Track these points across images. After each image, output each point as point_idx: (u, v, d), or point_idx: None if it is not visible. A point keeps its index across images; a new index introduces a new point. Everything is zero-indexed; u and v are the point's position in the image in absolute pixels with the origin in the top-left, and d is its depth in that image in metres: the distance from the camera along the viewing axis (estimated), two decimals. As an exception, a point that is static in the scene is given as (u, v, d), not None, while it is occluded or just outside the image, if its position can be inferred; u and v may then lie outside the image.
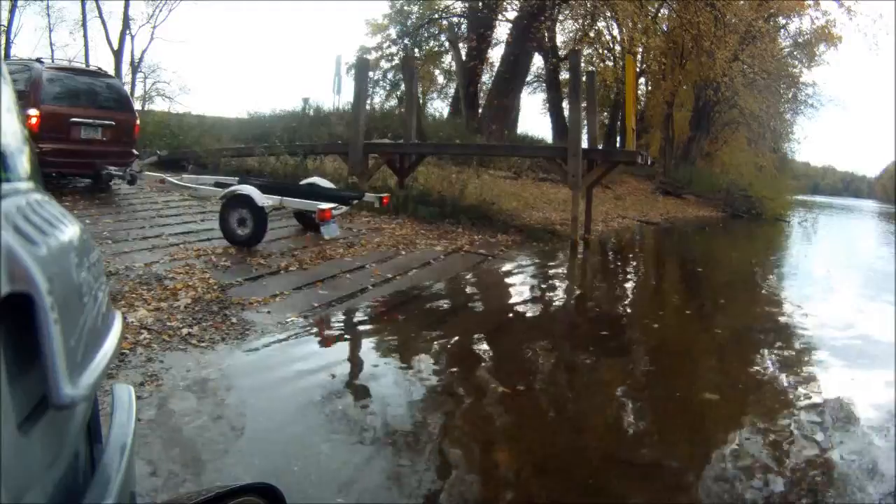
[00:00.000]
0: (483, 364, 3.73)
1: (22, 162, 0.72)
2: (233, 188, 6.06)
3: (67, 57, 19.86)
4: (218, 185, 6.91)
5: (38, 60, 7.65)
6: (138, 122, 8.25)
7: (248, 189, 5.89)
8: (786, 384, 3.77)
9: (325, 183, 7.44)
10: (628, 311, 5.32)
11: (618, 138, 21.41)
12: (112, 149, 7.72)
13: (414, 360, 3.66)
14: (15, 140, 0.72)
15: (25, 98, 6.97)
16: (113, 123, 7.80)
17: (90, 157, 7.51)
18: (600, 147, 14.79)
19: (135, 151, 8.11)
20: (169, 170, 8.71)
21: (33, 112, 6.98)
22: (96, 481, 0.69)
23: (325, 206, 5.93)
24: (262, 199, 5.76)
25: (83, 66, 8.08)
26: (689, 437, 2.98)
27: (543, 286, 6.11)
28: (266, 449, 2.42)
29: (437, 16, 21.78)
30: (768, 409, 3.32)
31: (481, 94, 18.57)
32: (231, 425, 2.59)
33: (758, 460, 2.65)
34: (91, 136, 7.66)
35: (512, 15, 18.20)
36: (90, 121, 7.61)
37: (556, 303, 5.63)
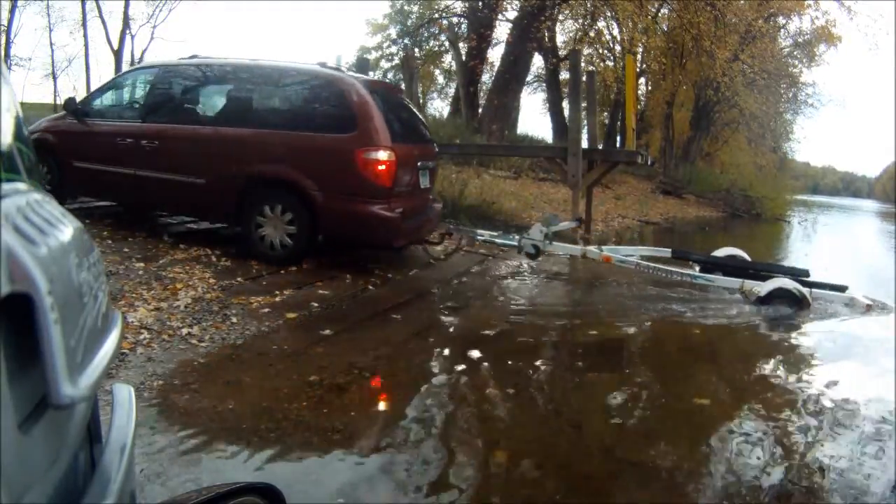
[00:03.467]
0: (480, 364, 3.72)
1: (22, 162, 0.72)
2: (776, 284, 5.29)
3: (67, 56, 19.85)
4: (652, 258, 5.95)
5: (342, 69, 5.44)
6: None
7: (790, 283, 5.31)
8: (780, 383, 3.77)
9: (743, 253, 6.42)
10: (625, 310, 5.31)
11: (618, 138, 21.42)
12: (429, 201, 5.89)
13: (412, 359, 3.65)
14: (15, 140, 0.72)
15: (344, 127, 4.87)
16: (433, 165, 5.81)
17: (426, 214, 5.67)
18: (600, 147, 14.79)
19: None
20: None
21: (384, 156, 4.79)
22: (96, 481, 0.69)
23: (866, 300, 5.26)
24: (805, 292, 5.24)
25: (376, 77, 5.61)
26: (679, 436, 2.98)
27: (543, 286, 6.10)
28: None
29: (437, 15, 21.78)
30: (763, 410, 3.31)
31: (481, 94, 18.57)
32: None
33: (753, 461, 2.65)
34: (425, 186, 5.66)
35: (512, 15, 18.21)
36: (425, 163, 5.58)
37: (555, 302, 5.62)
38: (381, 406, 3.15)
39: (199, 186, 5.23)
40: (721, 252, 6.32)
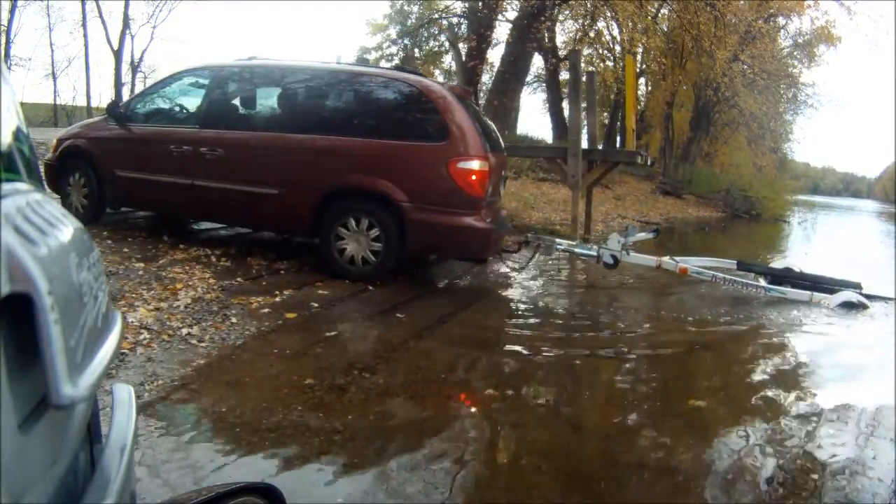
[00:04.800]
0: (478, 362, 3.73)
1: (23, 162, 0.72)
2: (843, 297, 5.50)
3: (67, 56, 19.85)
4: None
5: (416, 72, 5.40)
6: None
7: (854, 295, 5.54)
8: (777, 381, 3.77)
9: (797, 265, 6.58)
10: (623, 307, 5.31)
11: (618, 138, 21.43)
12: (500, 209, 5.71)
13: (413, 357, 3.65)
14: (15, 139, 0.72)
15: (435, 135, 4.73)
16: (506, 173, 5.77)
17: (503, 223, 5.51)
18: (600, 147, 14.80)
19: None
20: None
21: (477, 165, 4.66)
22: (96, 481, 0.69)
23: None
24: (867, 302, 5.50)
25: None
26: (668, 434, 2.98)
27: (543, 285, 6.10)
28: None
29: (436, 16, 21.79)
30: (760, 410, 3.31)
31: (481, 94, 18.56)
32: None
33: (751, 460, 2.65)
34: (501, 194, 5.64)
35: (512, 15, 18.22)
36: (505, 171, 5.61)
37: (555, 300, 5.62)
38: (382, 406, 3.14)
39: (272, 198, 4.96)
40: (777, 265, 6.60)
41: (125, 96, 19.25)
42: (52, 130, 12.85)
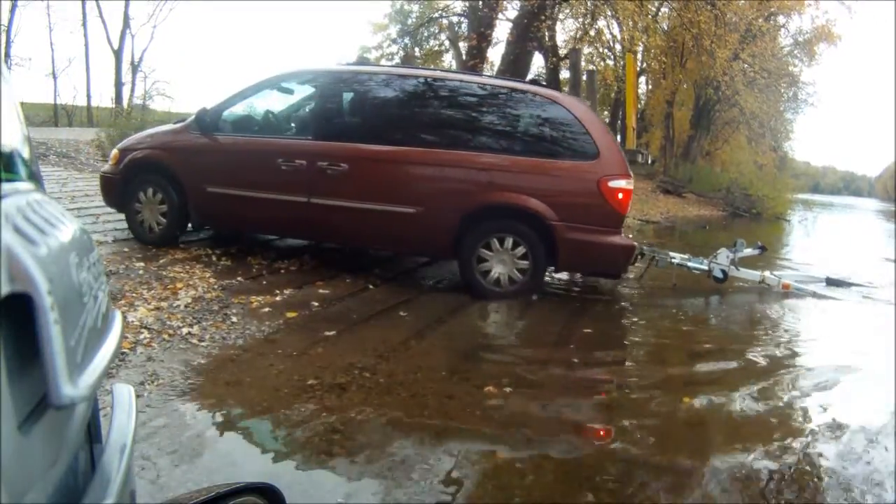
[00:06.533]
0: (472, 361, 3.72)
1: (22, 162, 0.72)
2: None
3: (67, 56, 19.84)
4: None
5: (537, 82, 5.28)
6: None
7: None
8: (773, 376, 3.77)
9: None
10: (622, 304, 5.32)
11: (618, 137, 21.44)
12: None
13: (415, 356, 3.65)
14: (15, 139, 0.71)
15: (584, 153, 4.67)
16: None
17: None
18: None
19: None
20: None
21: (624, 184, 4.62)
22: (96, 481, 0.69)
23: None
24: None
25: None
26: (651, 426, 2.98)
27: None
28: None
29: (437, 15, 21.80)
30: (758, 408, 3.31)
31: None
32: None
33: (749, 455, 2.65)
34: None
35: (512, 14, 18.21)
36: None
37: (554, 297, 5.62)
38: (382, 406, 3.14)
39: (409, 217, 4.72)
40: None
41: (125, 96, 19.24)
42: (53, 130, 12.87)
